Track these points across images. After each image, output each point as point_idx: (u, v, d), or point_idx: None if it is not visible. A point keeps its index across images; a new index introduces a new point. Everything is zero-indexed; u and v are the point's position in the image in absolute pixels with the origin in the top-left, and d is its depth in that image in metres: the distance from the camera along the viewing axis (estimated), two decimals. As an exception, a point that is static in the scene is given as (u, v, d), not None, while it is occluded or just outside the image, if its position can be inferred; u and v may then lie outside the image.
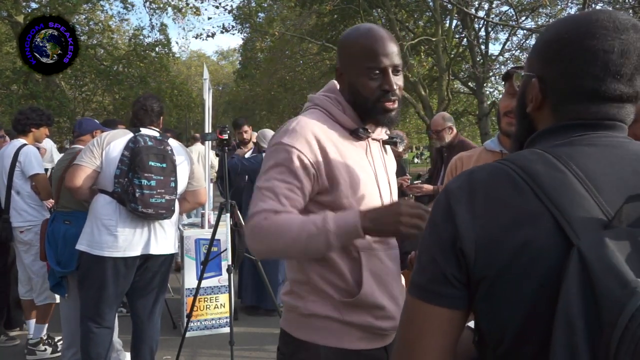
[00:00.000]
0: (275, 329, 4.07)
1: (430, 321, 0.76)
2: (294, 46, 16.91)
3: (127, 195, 2.59)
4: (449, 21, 13.63)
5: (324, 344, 1.32)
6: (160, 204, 2.64)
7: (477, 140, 19.72)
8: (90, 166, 2.64)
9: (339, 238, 1.21)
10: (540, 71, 0.83)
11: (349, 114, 1.40)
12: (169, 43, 17.54)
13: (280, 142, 1.30)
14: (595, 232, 0.65)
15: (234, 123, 5.18)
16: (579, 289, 0.61)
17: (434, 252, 0.77)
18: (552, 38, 0.81)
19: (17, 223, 3.54)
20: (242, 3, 15.75)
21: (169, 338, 3.92)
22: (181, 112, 18.77)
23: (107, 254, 2.62)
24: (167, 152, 2.71)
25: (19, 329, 4.10)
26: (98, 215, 2.66)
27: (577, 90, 0.78)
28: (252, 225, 1.26)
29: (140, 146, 2.62)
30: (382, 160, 1.48)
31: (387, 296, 1.36)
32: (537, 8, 12.20)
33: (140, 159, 2.59)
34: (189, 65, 35.07)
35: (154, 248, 2.74)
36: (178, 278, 5.23)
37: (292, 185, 1.27)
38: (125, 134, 2.73)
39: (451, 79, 14.19)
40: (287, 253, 1.31)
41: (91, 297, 2.70)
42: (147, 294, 2.85)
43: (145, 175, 2.59)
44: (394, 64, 1.34)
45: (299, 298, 1.37)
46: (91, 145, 2.68)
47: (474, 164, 1.89)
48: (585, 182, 0.70)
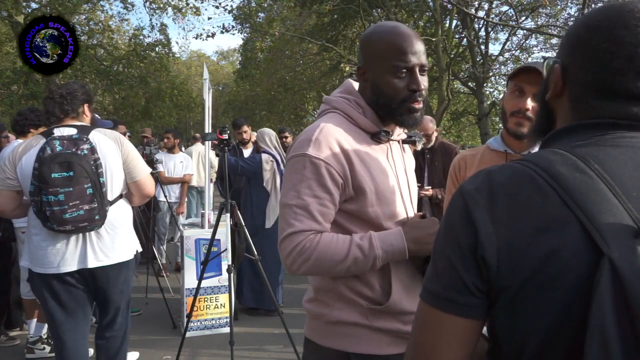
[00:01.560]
0: (275, 329, 4.08)
1: (446, 331, 0.73)
2: (294, 46, 16.91)
3: (41, 214, 2.32)
4: (449, 21, 13.61)
5: (353, 350, 1.31)
6: (77, 217, 2.31)
7: (477, 140, 19.73)
8: (4, 187, 2.41)
9: (385, 261, 1.26)
10: (565, 58, 0.79)
11: (370, 116, 1.36)
12: (169, 43, 17.54)
13: (306, 154, 1.26)
14: (626, 240, 0.61)
15: (234, 123, 5.17)
16: (612, 301, 0.58)
17: (452, 258, 0.72)
18: (582, 25, 0.77)
19: (18, 223, 3.56)
20: (242, 3, 15.77)
21: (169, 338, 3.93)
22: (181, 112, 18.77)
23: (41, 270, 2.43)
24: (77, 156, 2.31)
25: (19, 328, 4.10)
26: (30, 229, 2.46)
27: (597, 85, 0.73)
28: (293, 247, 1.23)
29: (45, 156, 2.29)
30: (402, 162, 1.46)
31: (413, 301, 1.34)
32: (537, 8, 12.19)
33: (42, 173, 2.27)
34: (189, 65, 35.07)
35: (91, 261, 2.44)
36: (178, 278, 5.24)
37: (323, 199, 1.25)
38: (38, 141, 2.39)
39: (451, 79, 14.18)
40: (329, 274, 1.30)
41: (46, 312, 2.53)
42: (107, 307, 2.63)
43: (50, 191, 2.26)
44: (421, 63, 1.30)
45: (324, 306, 1.35)
46: (3, 165, 2.42)
47: (477, 164, 1.86)
48: (614, 187, 0.65)
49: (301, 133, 1.34)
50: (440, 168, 4.22)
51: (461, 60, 15.61)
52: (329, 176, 1.25)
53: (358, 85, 1.42)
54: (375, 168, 1.32)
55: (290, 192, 1.26)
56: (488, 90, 15.09)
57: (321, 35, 15.09)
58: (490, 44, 16.18)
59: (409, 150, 1.57)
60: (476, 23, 13.62)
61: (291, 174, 1.28)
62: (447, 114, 16.27)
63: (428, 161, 4.25)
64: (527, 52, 14.91)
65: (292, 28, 15.81)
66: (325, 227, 1.26)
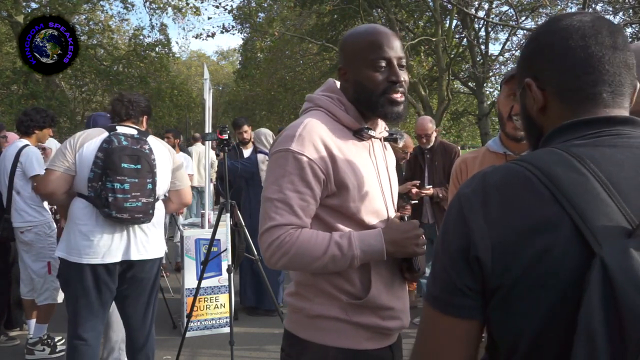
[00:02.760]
0: (275, 329, 4.08)
1: (447, 333, 0.74)
2: (294, 46, 16.93)
3: (100, 199, 2.45)
4: (449, 21, 13.63)
5: (332, 344, 1.32)
6: (135, 207, 2.48)
7: (477, 140, 19.74)
8: (62, 170, 2.49)
9: (362, 261, 1.28)
10: (532, 71, 0.81)
11: (352, 114, 1.39)
12: (169, 43, 17.57)
13: (288, 149, 1.28)
14: (618, 241, 0.62)
15: (234, 123, 5.17)
16: (601, 301, 0.59)
17: (445, 262, 0.75)
18: (532, 40, 0.81)
19: (17, 223, 3.56)
20: (242, 3, 15.77)
21: (169, 338, 3.92)
22: (181, 112, 18.76)
23: (85, 260, 2.50)
24: (143, 152, 2.54)
25: (19, 329, 4.09)
26: (75, 220, 2.53)
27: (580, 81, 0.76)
28: (272, 240, 1.26)
29: (113, 147, 2.45)
30: (383, 159, 1.49)
31: (392, 297, 1.37)
32: (537, 8, 12.19)
33: (112, 161, 2.43)
34: (189, 65, 35.06)
35: (134, 254, 2.59)
36: (178, 278, 5.24)
37: (304, 194, 1.27)
38: (100, 133, 2.57)
39: (451, 79, 14.19)
40: (306, 269, 1.32)
41: (74, 305, 2.58)
42: (137, 302, 2.72)
43: (117, 179, 2.43)
44: (398, 55, 1.33)
45: (305, 300, 1.37)
46: (63, 148, 2.53)
47: (478, 166, 1.88)
48: (609, 187, 0.65)
49: (285, 129, 1.36)
50: (440, 168, 4.24)
51: (461, 60, 15.62)
52: (311, 172, 1.27)
53: (339, 84, 1.44)
54: (357, 164, 1.34)
55: (272, 186, 1.28)
56: (488, 90, 15.12)
57: (321, 35, 15.10)
58: (490, 44, 16.21)
59: (390, 148, 1.60)
60: (476, 23, 13.64)
61: (274, 169, 1.30)
62: (447, 114, 16.27)
63: (428, 161, 4.31)
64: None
65: (292, 28, 15.82)
66: (305, 222, 1.28)
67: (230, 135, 3.65)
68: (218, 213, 3.38)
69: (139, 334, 2.76)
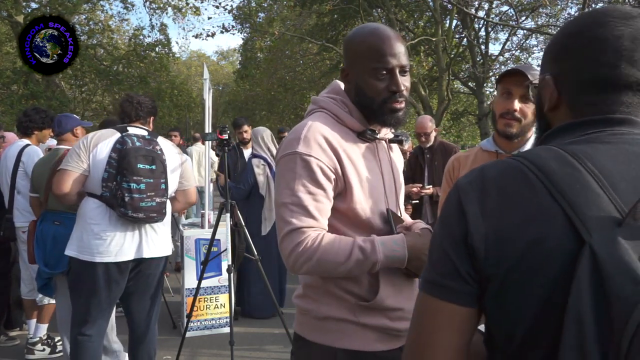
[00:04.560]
0: (275, 329, 4.08)
1: (441, 318, 0.75)
2: (294, 46, 16.93)
3: (116, 199, 2.49)
4: (449, 21, 13.62)
5: (340, 346, 1.31)
6: (151, 207, 2.54)
7: (477, 140, 19.72)
8: (78, 170, 2.52)
9: (384, 266, 1.27)
10: (553, 69, 0.82)
11: (356, 116, 1.38)
12: (169, 43, 17.56)
13: (296, 152, 1.27)
14: (608, 230, 0.63)
15: (234, 123, 5.17)
16: (590, 288, 0.60)
17: (446, 248, 0.76)
18: (561, 36, 0.81)
19: (19, 223, 3.57)
20: (242, 3, 15.78)
21: (169, 338, 3.92)
22: (181, 112, 18.77)
23: (98, 259, 2.53)
24: (157, 153, 2.60)
25: (19, 329, 4.10)
26: (87, 219, 2.56)
27: (592, 81, 0.77)
28: (294, 246, 1.23)
29: (128, 148, 2.50)
30: (388, 161, 1.48)
31: (402, 298, 1.36)
32: (537, 8, 12.20)
33: (128, 162, 2.48)
34: (189, 65, 35.09)
35: (146, 252, 2.64)
36: (178, 278, 5.24)
37: (317, 195, 1.26)
38: (113, 134, 2.61)
39: (451, 79, 14.19)
40: (330, 274, 1.30)
41: (82, 304, 2.61)
42: (143, 298, 2.76)
43: (134, 179, 2.48)
44: (401, 64, 1.31)
45: (312, 301, 1.36)
46: (77, 148, 2.56)
47: (471, 164, 1.93)
48: (601, 179, 0.67)
49: (290, 132, 1.36)
50: (440, 167, 4.25)
51: (461, 60, 15.61)
52: (320, 172, 1.26)
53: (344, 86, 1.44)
54: (362, 165, 1.34)
55: (284, 190, 1.27)
56: (488, 90, 15.09)
57: (321, 35, 15.09)
58: (490, 44, 16.21)
59: (397, 149, 1.59)
60: (476, 23, 13.63)
61: (284, 173, 1.29)
62: (447, 114, 16.27)
63: (428, 161, 4.33)
64: (527, 52, 14.94)
65: (292, 28, 15.81)
66: (322, 222, 1.27)
67: (230, 135, 3.65)
68: (218, 213, 3.38)
69: (142, 331, 2.79)
